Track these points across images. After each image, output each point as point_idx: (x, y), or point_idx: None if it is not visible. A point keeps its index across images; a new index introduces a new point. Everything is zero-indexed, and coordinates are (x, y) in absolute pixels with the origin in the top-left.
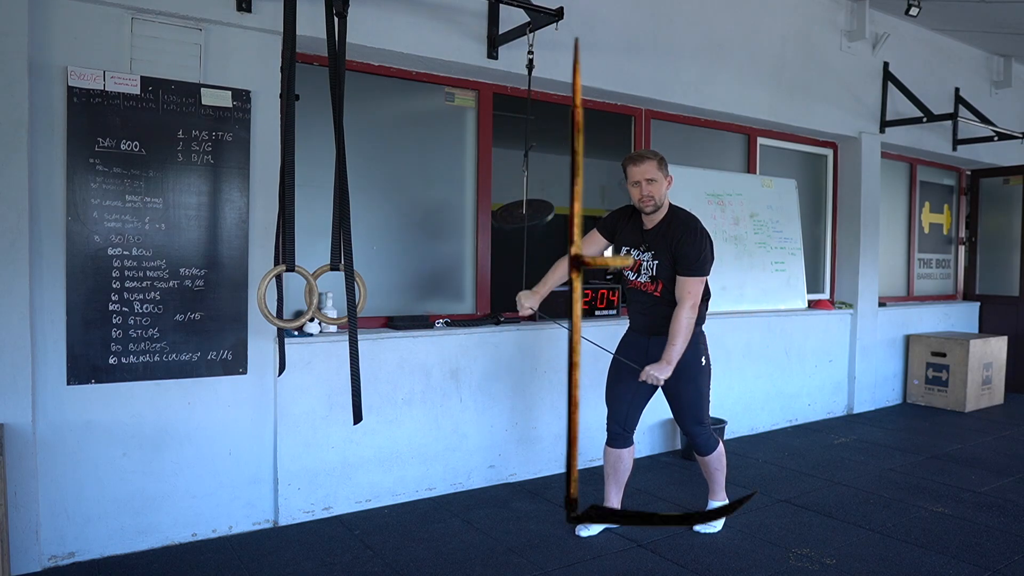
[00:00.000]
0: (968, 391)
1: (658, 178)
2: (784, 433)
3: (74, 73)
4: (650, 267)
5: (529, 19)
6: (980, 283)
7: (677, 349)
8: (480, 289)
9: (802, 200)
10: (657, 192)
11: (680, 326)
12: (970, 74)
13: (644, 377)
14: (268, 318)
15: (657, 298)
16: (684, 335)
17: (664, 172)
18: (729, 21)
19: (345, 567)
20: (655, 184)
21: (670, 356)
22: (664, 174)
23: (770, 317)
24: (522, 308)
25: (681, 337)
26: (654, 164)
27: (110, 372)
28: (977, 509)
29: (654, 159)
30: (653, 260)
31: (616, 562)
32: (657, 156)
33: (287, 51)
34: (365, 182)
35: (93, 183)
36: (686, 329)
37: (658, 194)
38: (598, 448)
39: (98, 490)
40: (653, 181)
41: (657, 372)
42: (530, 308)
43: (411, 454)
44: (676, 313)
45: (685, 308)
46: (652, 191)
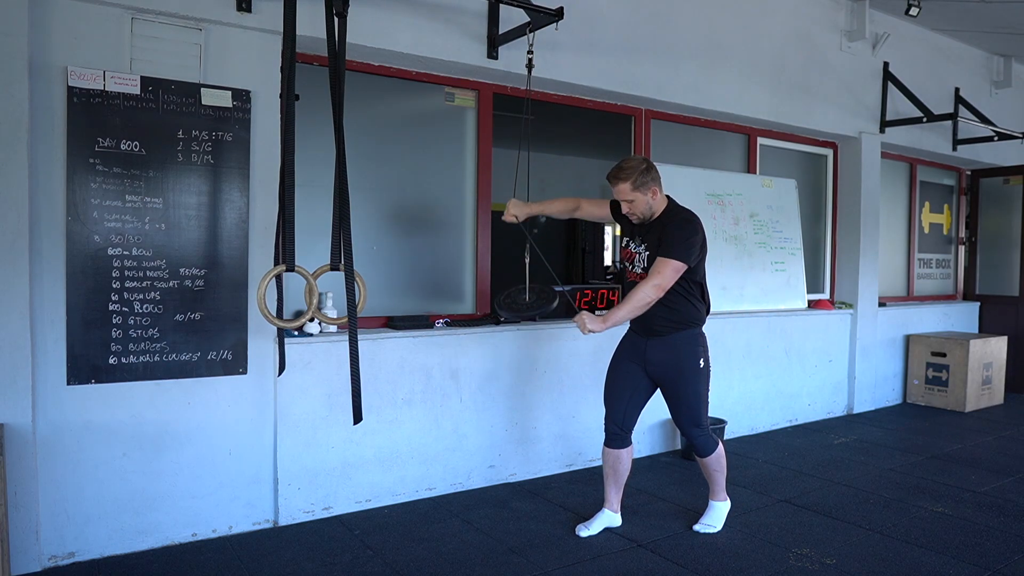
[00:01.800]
0: (968, 391)
1: (635, 198)
2: (784, 433)
3: (74, 73)
4: (643, 259)
5: (529, 19)
6: (980, 283)
7: (619, 315)
8: (480, 289)
9: (802, 200)
10: (637, 209)
11: (634, 296)
12: (970, 74)
13: (575, 319)
14: (268, 318)
15: None
16: (632, 306)
17: (644, 188)
18: (729, 21)
19: (345, 567)
20: (633, 204)
21: (609, 316)
22: (645, 190)
23: (770, 317)
24: (507, 213)
25: (629, 306)
26: (628, 186)
27: (110, 372)
28: (977, 509)
29: (628, 180)
30: (646, 251)
31: (616, 562)
32: (634, 174)
33: (287, 51)
34: (365, 182)
35: (93, 183)
36: (638, 303)
37: (639, 210)
38: (598, 448)
39: (98, 490)
40: (631, 202)
41: (588, 320)
42: (514, 216)
43: (411, 454)
44: (638, 285)
45: (648, 284)
46: (632, 209)
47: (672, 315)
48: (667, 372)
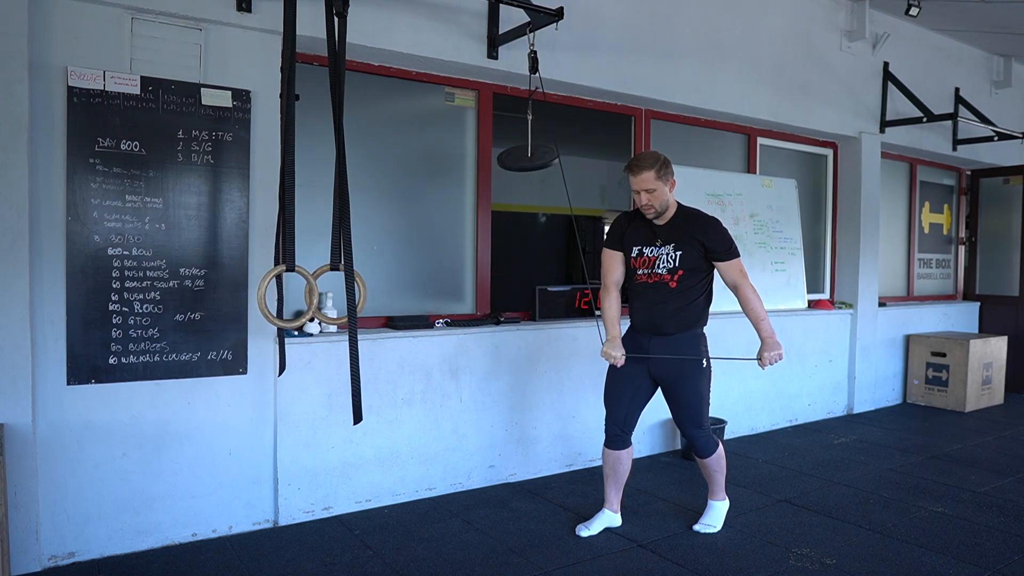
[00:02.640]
0: (968, 391)
1: (658, 187)
2: (784, 433)
3: (74, 73)
4: (672, 258)
5: (529, 19)
6: (980, 283)
7: (768, 322)
8: (480, 289)
9: (802, 200)
10: (657, 200)
11: (757, 303)
12: (970, 74)
13: (766, 363)
14: (268, 318)
15: (672, 289)
16: (762, 307)
17: (665, 178)
18: (729, 21)
19: (345, 567)
20: (655, 194)
21: (770, 332)
22: (666, 180)
23: (770, 317)
24: (618, 360)
25: (763, 311)
26: (652, 174)
27: (110, 372)
28: (977, 509)
29: (652, 168)
30: (675, 251)
31: (616, 562)
32: (657, 163)
33: (287, 51)
34: (365, 182)
35: (93, 183)
36: (760, 302)
37: (658, 202)
38: (598, 448)
39: (98, 490)
40: (653, 191)
41: (776, 352)
42: (622, 355)
43: (411, 454)
44: (744, 295)
45: (747, 286)
46: (652, 200)
47: (685, 314)
48: (670, 372)
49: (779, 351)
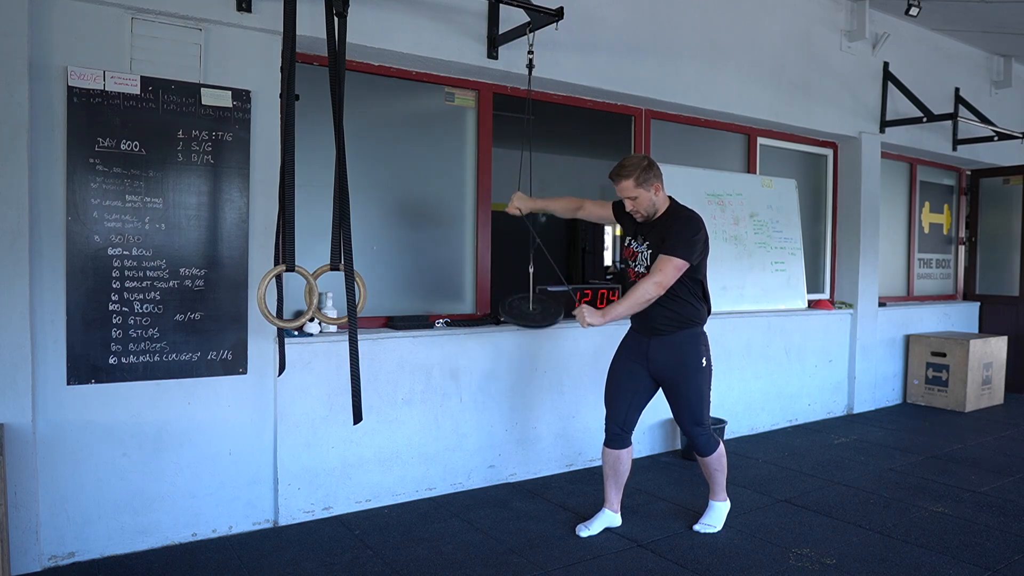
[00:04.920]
0: (968, 391)
1: (639, 194)
2: (784, 433)
3: (74, 73)
4: (647, 257)
5: (529, 19)
6: (980, 283)
7: (619, 310)
8: (480, 289)
9: (802, 200)
10: (641, 205)
11: (635, 292)
12: (970, 74)
13: (575, 312)
14: (268, 318)
15: None
16: (632, 302)
17: (647, 184)
18: (729, 21)
19: (345, 567)
20: (637, 200)
21: (609, 310)
22: (648, 186)
23: (770, 317)
24: (511, 206)
25: (629, 302)
26: (631, 183)
27: (110, 372)
28: (977, 509)
29: (631, 177)
30: (648, 250)
31: (616, 562)
32: (636, 171)
33: (287, 51)
34: (365, 182)
35: (93, 183)
36: (638, 299)
37: (643, 207)
38: (598, 448)
39: (98, 490)
40: (635, 198)
41: (588, 313)
42: (518, 209)
43: (411, 454)
44: (640, 282)
45: (649, 281)
46: (636, 206)
47: (673, 314)
48: (669, 371)
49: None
